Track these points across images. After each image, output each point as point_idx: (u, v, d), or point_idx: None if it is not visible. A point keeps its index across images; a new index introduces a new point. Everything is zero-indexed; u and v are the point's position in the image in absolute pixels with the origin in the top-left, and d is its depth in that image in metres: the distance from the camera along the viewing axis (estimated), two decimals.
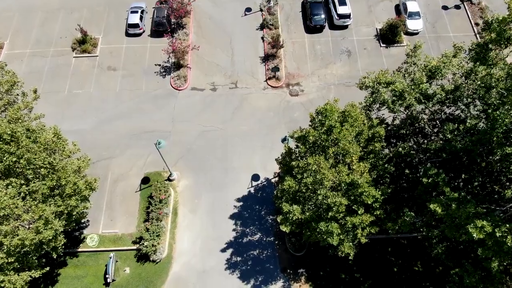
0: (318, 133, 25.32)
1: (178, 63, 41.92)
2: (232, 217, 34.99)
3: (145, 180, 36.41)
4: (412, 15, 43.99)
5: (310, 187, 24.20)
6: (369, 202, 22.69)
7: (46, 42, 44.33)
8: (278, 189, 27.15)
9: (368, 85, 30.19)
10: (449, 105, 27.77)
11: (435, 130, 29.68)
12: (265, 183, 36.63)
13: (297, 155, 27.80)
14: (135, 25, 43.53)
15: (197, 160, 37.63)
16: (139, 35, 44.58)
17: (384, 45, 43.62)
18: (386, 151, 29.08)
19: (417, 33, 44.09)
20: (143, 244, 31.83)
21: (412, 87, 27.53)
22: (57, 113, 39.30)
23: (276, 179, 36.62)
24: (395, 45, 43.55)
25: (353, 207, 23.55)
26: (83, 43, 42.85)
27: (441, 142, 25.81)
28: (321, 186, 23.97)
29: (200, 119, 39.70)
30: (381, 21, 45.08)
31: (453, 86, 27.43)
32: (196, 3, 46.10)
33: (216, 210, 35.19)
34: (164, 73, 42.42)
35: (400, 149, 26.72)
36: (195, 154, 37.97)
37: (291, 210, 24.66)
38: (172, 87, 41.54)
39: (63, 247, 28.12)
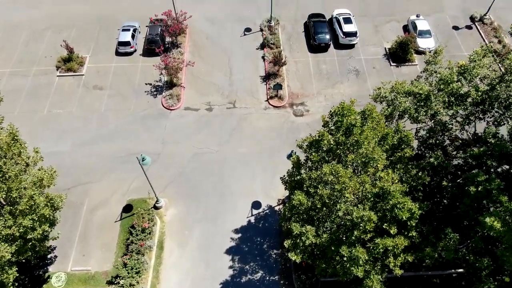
0: (334, 137, 20.86)
1: (171, 81, 38.25)
2: (228, 251, 29.38)
3: (128, 208, 31.16)
4: (422, 33, 41.28)
5: (327, 201, 19.23)
6: (404, 218, 17.62)
7: (29, 61, 40.94)
8: (285, 208, 22.08)
9: (384, 95, 26.35)
10: (484, 108, 23.59)
11: (467, 139, 25.29)
12: (267, 211, 31.42)
13: (308, 168, 23.10)
14: (126, 43, 40.41)
15: (189, 185, 32.64)
16: (130, 54, 41.35)
17: (395, 64, 40.36)
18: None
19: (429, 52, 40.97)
20: (118, 283, 25.98)
21: (441, 86, 23.57)
22: (33, 133, 34.79)
23: (280, 206, 31.46)
24: (406, 64, 40.30)
25: (383, 226, 18.42)
26: (69, 61, 39.41)
27: (481, 149, 21.23)
28: (340, 200, 19.05)
29: (194, 141, 35.24)
30: (389, 40, 42.28)
31: (488, 87, 23.48)
32: (192, 23, 43.45)
33: (210, 244, 29.63)
34: (155, 93, 38.61)
35: (432, 159, 22.08)
36: (186, 179, 33.04)
37: (303, 231, 19.47)
38: (164, 106, 37.52)
39: (17, 285, 22.39)
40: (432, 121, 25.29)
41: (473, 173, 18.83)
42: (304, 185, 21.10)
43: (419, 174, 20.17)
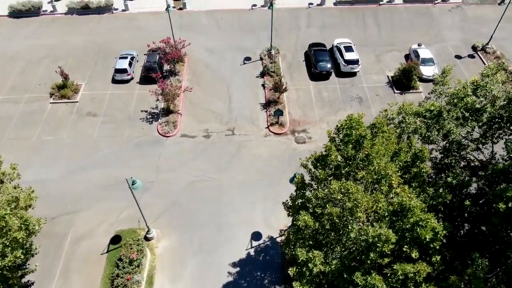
0: (342, 152, 19.02)
1: (168, 108, 36.89)
2: (226, 287, 26.50)
3: (116, 240, 28.55)
4: (425, 61, 40.60)
5: (337, 221, 16.98)
6: (428, 238, 15.30)
7: (22, 89, 39.86)
8: (289, 231, 19.75)
9: (392, 117, 24.86)
10: (503, 125, 21.91)
11: (484, 160, 23.40)
12: (268, 243, 28.80)
13: (313, 190, 21.01)
14: (123, 71, 39.50)
15: (184, 215, 30.24)
16: (127, 81, 40.35)
17: (399, 91, 39.31)
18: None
19: (432, 80, 40.04)
20: None
21: (455, 101, 22.06)
22: (20, 160, 32.21)
23: (282, 238, 28.87)
24: (411, 91, 39.27)
25: (403, 249, 16.04)
26: (63, 88, 38.29)
27: (506, 163, 19.28)
28: (352, 220, 16.82)
29: (190, 168, 33.24)
30: (391, 69, 41.56)
31: (505, 101, 21.95)
32: (191, 52, 42.93)
33: (205, 279, 26.77)
34: (151, 120, 37.13)
35: (450, 179, 20.04)
36: (181, 208, 30.71)
37: (310, 257, 17.04)
38: (159, 133, 35.89)
39: None
40: (445, 141, 23.61)
41: (500, 188, 16.78)
42: (310, 206, 18.92)
43: (440, 191, 18.07)
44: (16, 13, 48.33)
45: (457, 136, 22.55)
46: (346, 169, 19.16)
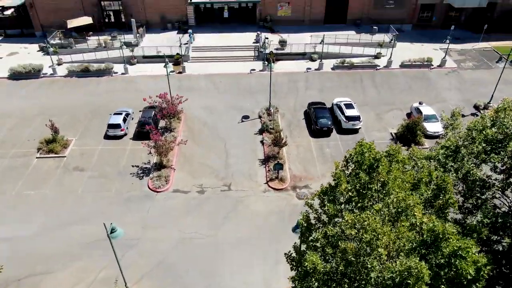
0: (352, 184, 16.51)
1: (161, 163, 34.71)
2: None
3: None
4: (428, 118, 39.57)
5: (353, 259, 13.83)
6: (470, 273, 12.11)
7: (9, 144, 38.05)
8: (294, 278, 16.30)
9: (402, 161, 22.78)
10: None
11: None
12: None
13: (320, 231, 18.00)
14: (116, 126, 38.10)
15: (171, 276, 26.36)
16: (119, 137, 38.72)
17: (404, 147, 37.48)
18: None
19: (437, 136, 38.63)
20: None
21: (474, 134, 20.13)
22: None
23: None
24: (416, 147, 37.45)
25: None
26: (52, 142, 36.50)
27: None
28: (371, 258, 13.71)
29: (181, 225, 30.03)
30: (393, 126, 40.38)
31: None
32: (188, 110, 42.11)
33: None
34: (142, 175, 34.73)
35: (481, 217, 17.25)
36: (168, 268, 26.91)
37: None
38: (150, 188, 33.23)
39: None
40: (464, 185, 21.16)
41: None
42: (319, 246, 15.85)
43: (473, 223, 15.19)
44: (15, 75, 48.59)
45: (478, 176, 20.23)
46: (359, 204, 16.46)
